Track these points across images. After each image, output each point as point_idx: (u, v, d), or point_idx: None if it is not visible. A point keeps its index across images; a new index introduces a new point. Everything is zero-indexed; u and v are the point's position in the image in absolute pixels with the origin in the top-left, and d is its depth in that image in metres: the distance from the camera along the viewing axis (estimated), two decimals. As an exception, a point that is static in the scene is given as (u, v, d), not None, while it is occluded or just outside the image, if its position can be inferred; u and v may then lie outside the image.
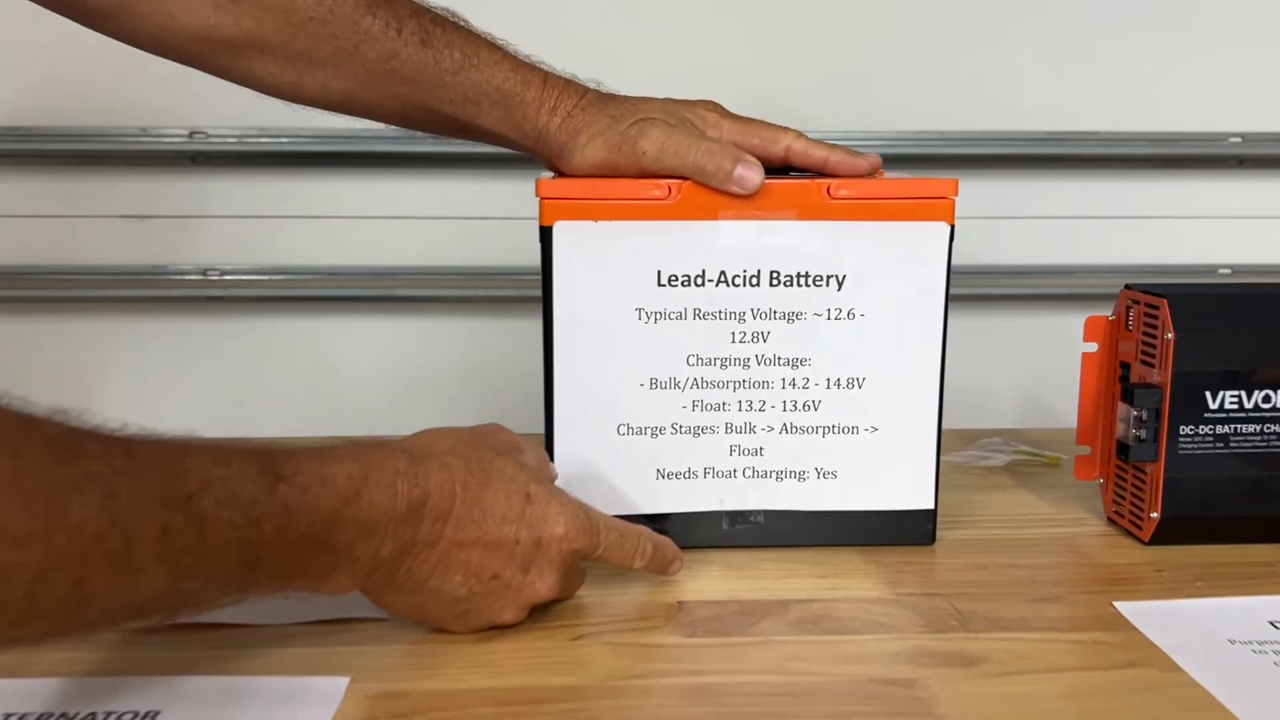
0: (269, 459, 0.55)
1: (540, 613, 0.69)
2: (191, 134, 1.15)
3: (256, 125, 1.14)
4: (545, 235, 0.75)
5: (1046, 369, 1.19)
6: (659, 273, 0.75)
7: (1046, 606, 0.72)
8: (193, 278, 1.18)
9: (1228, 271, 1.25)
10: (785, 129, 0.78)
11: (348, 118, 0.81)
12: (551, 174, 0.80)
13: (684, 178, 0.75)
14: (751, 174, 0.73)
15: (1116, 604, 0.72)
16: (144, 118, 1.15)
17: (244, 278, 1.19)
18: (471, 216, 1.19)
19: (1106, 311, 0.85)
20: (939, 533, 0.81)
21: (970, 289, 1.18)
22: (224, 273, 1.18)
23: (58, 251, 1.18)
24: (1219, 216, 1.24)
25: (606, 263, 0.75)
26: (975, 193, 1.11)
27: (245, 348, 1.22)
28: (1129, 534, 0.84)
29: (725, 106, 0.80)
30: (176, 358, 1.22)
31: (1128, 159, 1.22)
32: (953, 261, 0.76)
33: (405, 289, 1.22)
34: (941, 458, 0.78)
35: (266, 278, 1.19)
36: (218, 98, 0.84)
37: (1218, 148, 1.22)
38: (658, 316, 0.76)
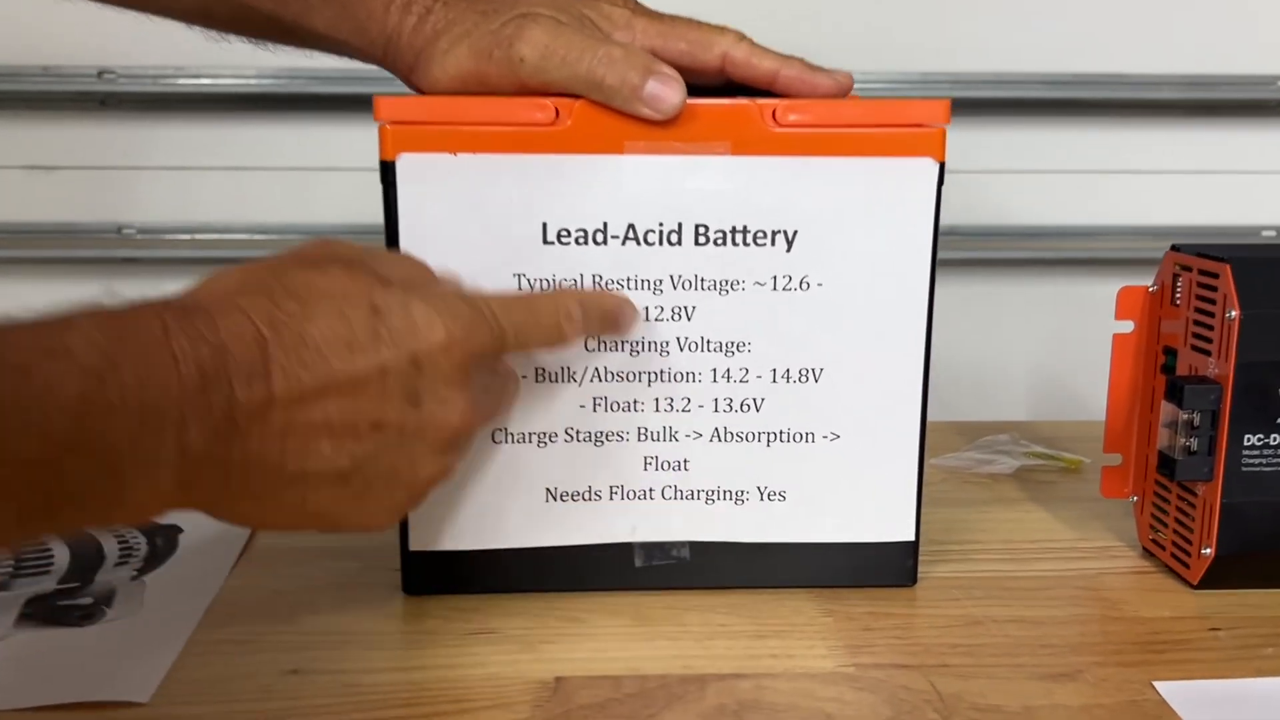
0: None
1: (352, 695, 0.47)
2: (101, 73, 0.97)
3: (174, 64, 0.96)
4: (387, 173, 0.52)
5: (1063, 347, 1.03)
6: (544, 226, 0.53)
7: (1061, 688, 0.49)
8: (106, 236, 1.01)
9: (1272, 234, 1.05)
10: (722, 29, 0.54)
11: (283, 52, 0.61)
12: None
13: (577, 95, 0.50)
14: (668, 90, 0.49)
15: (1158, 685, 0.51)
16: (46, 55, 0.97)
17: (164, 237, 1.02)
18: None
19: (1136, 279, 0.61)
20: (921, 568, 0.58)
21: (971, 253, 1.02)
22: (141, 231, 1.01)
23: (-49, 208, 1.00)
24: (1264, 171, 1.05)
25: (473, 211, 0.52)
26: (982, 143, 1.00)
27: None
28: (1172, 573, 0.60)
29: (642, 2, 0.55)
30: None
31: (1159, 105, 1.03)
32: (952, 222, 0.51)
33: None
34: (932, 461, 0.54)
35: (189, 237, 1.02)
36: (130, 32, 0.67)
37: (1262, 92, 1.02)
38: (545, 285, 0.53)
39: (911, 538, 0.57)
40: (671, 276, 0.54)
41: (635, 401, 0.55)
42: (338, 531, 0.46)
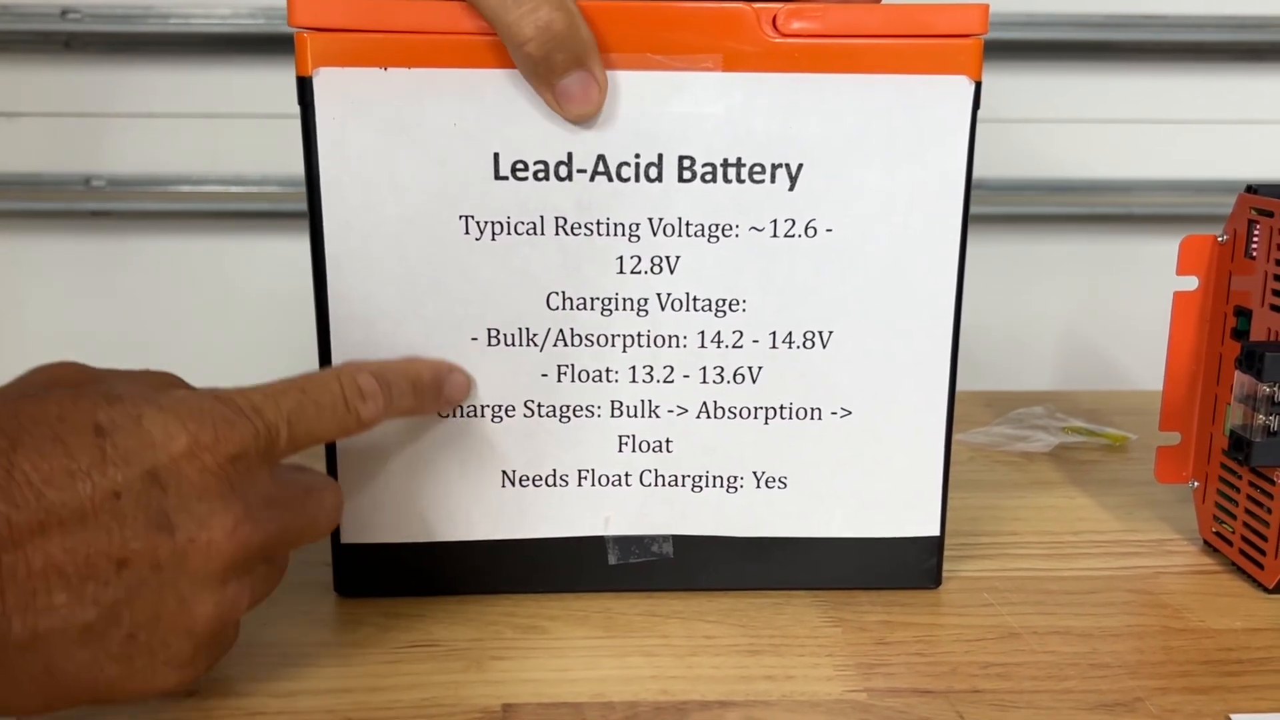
0: None
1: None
2: (64, 12, 0.91)
3: (143, 2, 0.91)
4: (304, 90, 0.41)
5: (1099, 310, 0.96)
6: (495, 157, 0.42)
7: (1120, 723, 0.37)
8: (72, 188, 0.96)
9: (1327, 190, 0.92)
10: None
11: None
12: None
13: None
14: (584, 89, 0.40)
15: (1238, 719, 0.37)
16: (4, -8, 0.92)
17: (135, 189, 0.97)
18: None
19: (1177, 237, 0.51)
20: (946, 565, 0.48)
21: (998, 208, 0.94)
22: (110, 182, 0.96)
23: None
24: (1316, 121, 0.99)
25: (408, 140, 0.42)
26: (1011, 89, 0.94)
27: (137, 272, 0.99)
28: (1241, 573, 0.49)
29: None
30: (54, 284, 0.99)
31: (1202, 48, 0.95)
32: (979, 175, 0.45)
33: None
34: (957, 436, 0.46)
35: (162, 189, 0.97)
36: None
37: (1313, 35, 0.96)
38: (498, 229, 0.43)
39: (935, 532, 0.47)
40: (650, 220, 0.44)
41: (608, 370, 0.45)
42: (115, 702, 0.36)
